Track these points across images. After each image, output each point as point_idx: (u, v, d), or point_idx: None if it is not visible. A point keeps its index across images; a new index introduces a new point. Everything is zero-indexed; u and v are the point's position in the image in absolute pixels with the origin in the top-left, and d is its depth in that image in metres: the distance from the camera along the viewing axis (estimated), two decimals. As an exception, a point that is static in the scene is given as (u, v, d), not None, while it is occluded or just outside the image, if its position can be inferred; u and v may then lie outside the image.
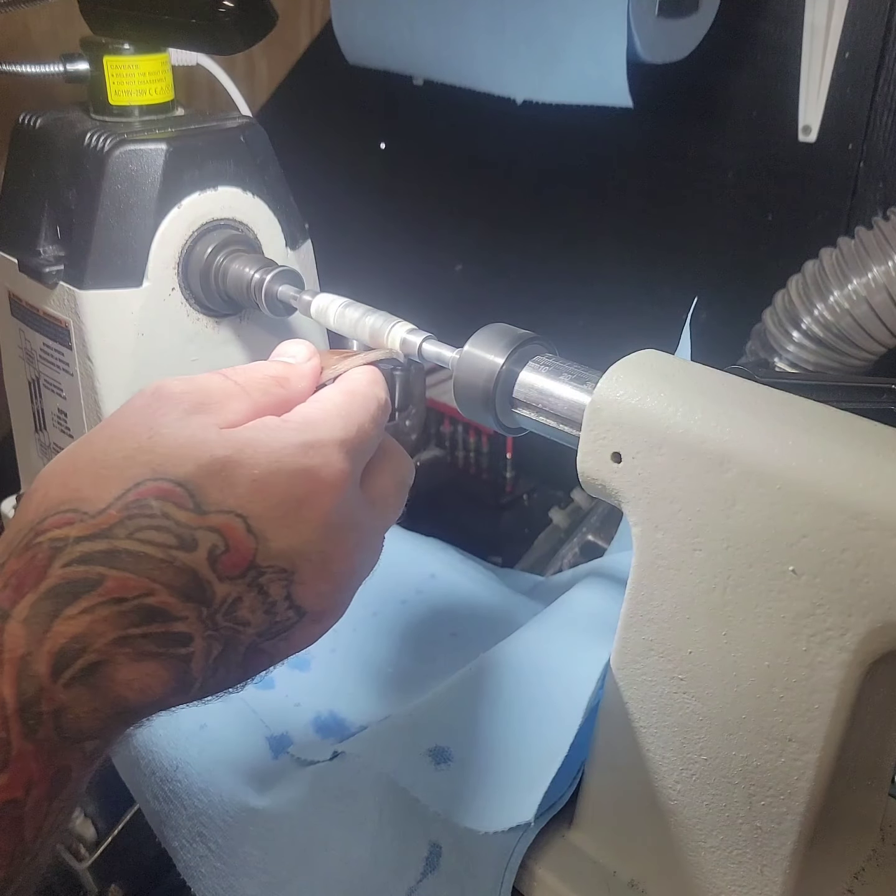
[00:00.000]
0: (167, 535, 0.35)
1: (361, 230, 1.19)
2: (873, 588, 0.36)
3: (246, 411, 0.40)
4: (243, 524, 0.37)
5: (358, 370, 0.46)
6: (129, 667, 0.35)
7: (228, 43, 0.55)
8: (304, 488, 0.38)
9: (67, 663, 0.34)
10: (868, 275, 0.76)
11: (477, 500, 1.06)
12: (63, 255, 0.62)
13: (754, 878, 0.44)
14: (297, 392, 0.43)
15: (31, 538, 0.35)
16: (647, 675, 0.44)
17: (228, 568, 0.36)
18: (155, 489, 0.36)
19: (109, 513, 0.35)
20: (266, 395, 0.41)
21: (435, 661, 0.65)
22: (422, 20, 0.91)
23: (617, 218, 1.02)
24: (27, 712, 0.33)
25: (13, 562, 0.35)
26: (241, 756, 0.58)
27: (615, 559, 0.64)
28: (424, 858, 0.51)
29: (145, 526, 0.35)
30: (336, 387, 0.44)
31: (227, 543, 0.36)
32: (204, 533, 0.36)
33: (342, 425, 0.41)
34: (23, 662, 0.33)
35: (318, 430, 0.40)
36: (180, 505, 0.36)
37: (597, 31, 0.79)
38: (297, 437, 0.39)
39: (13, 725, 0.32)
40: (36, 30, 0.85)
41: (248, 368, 0.43)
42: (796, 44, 0.82)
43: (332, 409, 0.41)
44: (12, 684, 0.33)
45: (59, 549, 0.35)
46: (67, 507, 0.36)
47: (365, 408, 0.43)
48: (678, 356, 0.46)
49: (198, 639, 0.36)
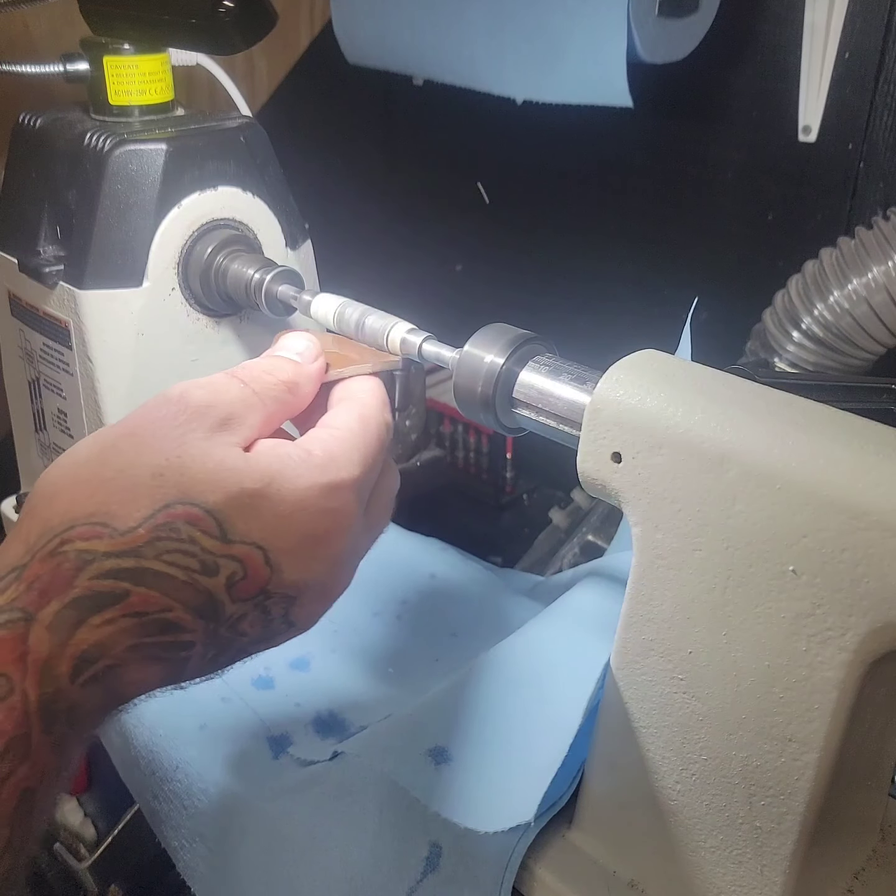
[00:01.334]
0: (192, 559, 0.37)
1: (361, 230, 1.18)
2: (873, 588, 0.36)
3: (262, 423, 0.42)
4: (263, 556, 0.39)
5: (366, 388, 0.47)
6: (137, 669, 0.37)
7: (228, 43, 0.55)
8: (321, 528, 0.40)
9: (86, 667, 0.36)
10: (868, 275, 0.76)
11: (477, 500, 1.06)
12: (63, 255, 0.62)
13: (754, 878, 0.44)
14: (305, 397, 0.46)
15: (57, 545, 0.36)
16: (647, 675, 0.44)
17: (242, 592, 0.39)
18: (184, 514, 0.37)
19: (139, 532, 0.37)
20: (278, 404, 0.44)
21: (435, 661, 0.65)
22: (422, 20, 0.91)
23: (617, 218, 1.02)
24: (47, 709, 0.35)
25: (37, 565, 0.36)
26: (241, 756, 0.58)
27: (615, 559, 0.64)
28: (424, 858, 0.51)
29: (172, 549, 0.37)
30: (352, 411, 0.45)
31: (246, 572, 0.39)
32: (226, 561, 0.38)
33: (359, 461, 0.42)
34: (46, 665, 0.35)
35: (340, 470, 0.41)
36: (207, 532, 0.38)
37: (597, 31, 0.79)
38: (320, 476, 0.40)
39: (34, 721, 0.34)
40: (36, 30, 0.85)
41: (261, 371, 0.44)
42: (796, 44, 0.82)
43: (350, 441, 0.43)
44: (35, 684, 0.34)
45: (88, 561, 0.36)
46: (96, 521, 0.37)
47: (378, 438, 0.44)
48: (678, 356, 0.46)
49: (199, 646, 0.39)
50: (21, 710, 0.34)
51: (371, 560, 0.75)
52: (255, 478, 0.39)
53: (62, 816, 0.71)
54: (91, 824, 0.70)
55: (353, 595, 0.70)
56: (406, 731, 0.53)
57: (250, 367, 0.44)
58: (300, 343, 0.47)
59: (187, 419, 0.40)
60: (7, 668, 0.34)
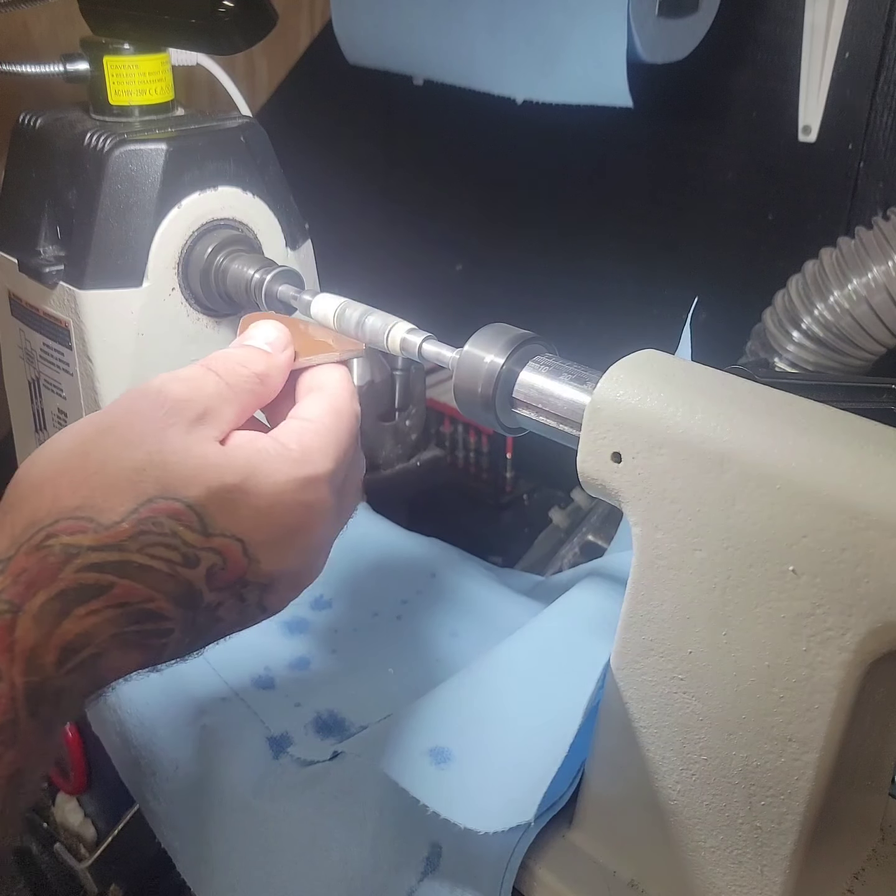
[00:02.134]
0: (174, 552, 0.39)
1: (362, 230, 1.19)
2: (873, 588, 0.36)
3: (236, 415, 0.44)
4: (241, 548, 0.40)
5: (335, 377, 0.48)
6: (118, 656, 0.39)
7: (228, 43, 0.55)
8: (298, 520, 0.42)
9: (71, 655, 0.37)
10: (868, 275, 0.76)
11: (477, 500, 1.06)
12: (63, 255, 0.62)
13: (754, 878, 0.44)
14: (276, 387, 0.47)
15: (43, 539, 0.37)
16: (647, 675, 0.44)
17: (220, 581, 0.40)
18: (166, 508, 0.39)
19: (123, 526, 0.38)
20: (251, 395, 0.45)
21: (435, 661, 0.65)
22: (422, 20, 0.91)
23: (617, 218, 1.02)
24: (33, 696, 0.36)
25: (22, 558, 0.37)
26: (241, 756, 0.58)
27: (615, 559, 0.64)
28: (425, 858, 0.51)
29: (155, 542, 0.38)
30: (324, 403, 0.46)
31: (225, 563, 0.40)
32: (206, 553, 0.39)
33: (333, 454, 0.44)
34: (32, 654, 0.36)
35: (316, 463, 0.43)
36: (189, 526, 0.39)
37: (597, 31, 0.79)
38: (297, 471, 0.42)
39: (21, 708, 0.35)
40: (36, 30, 0.85)
41: (235, 363, 0.45)
42: (796, 44, 0.82)
43: (324, 434, 0.44)
44: (22, 672, 0.35)
45: (73, 554, 0.37)
46: (81, 515, 0.38)
47: (350, 430, 0.46)
48: (678, 356, 0.46)
49: (177, 632, 0.40)
50: (8, 697, 0.35)
51: (371, 560, 0.75)
52: (235, 472, 0.40)
53: (62, 816, 0.71)
54: (91, 824, 0.70)
55: (352, 595, 0.71)
56: (406, 731, 0.53)
57: (224, 360, 0.45)
58: (270, 332, 0.48)
59: (166, 413, 0.41)
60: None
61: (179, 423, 0.41)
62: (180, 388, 0.42)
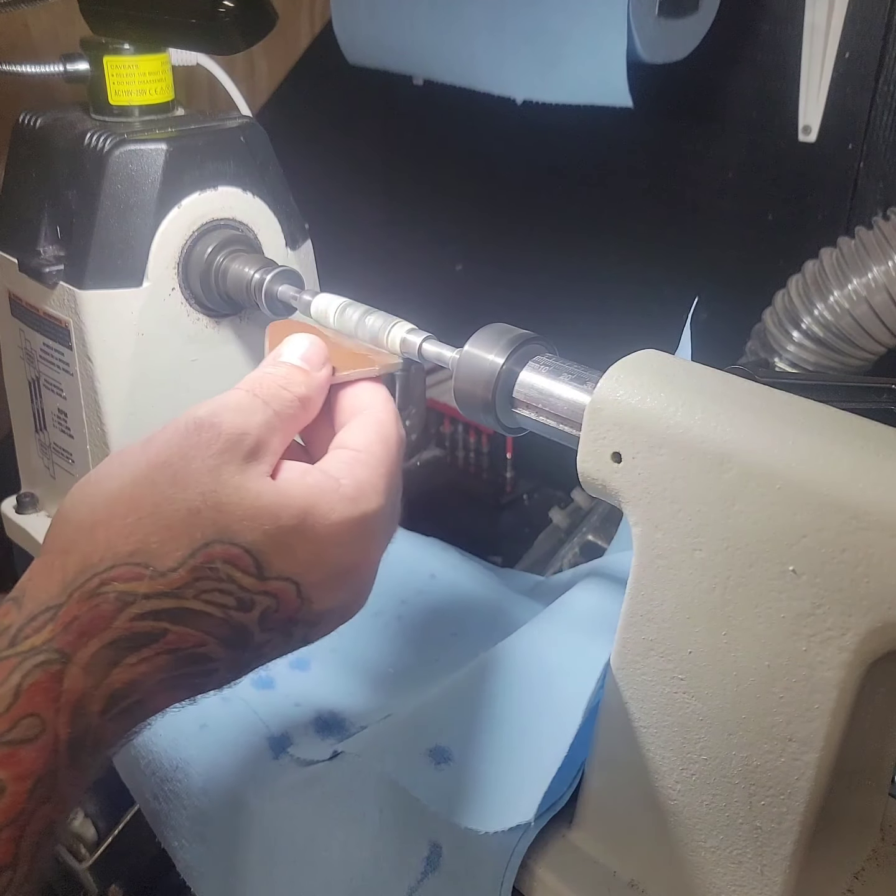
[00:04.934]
0: (229, 597, 0.38)
1: (361, 230, 1.18)
2: (873, 588, 0.36)
3: (282, 444, 0.42)
4: (296, 590, 0.40)
5: (379, 400, 0.46)
6: (162, 699, 0.39)
7: (228, 43, 0.55)
8: (352, 561, 0.42)
9: (117, 703, 0.37)
10: (868, 275, 0.76)
11: (477, 500, 1.06)
12: (63, 255, 0.62)
13: (754, 878, 0.44)
14: (316, 409, 0.46)
15: (97, 585, 0.37)
16: (647, 675, 0.44)
17: (272, 623, 0.40)
18: (223, 553, 0.38)
19: (179, 573, 0.37)
20: (293, 421, 0.44)
21: (435, 661, 0.65)
22: (422, 20, 0.91)
23: (617, 218, 1.02)
24: (75, 746, 0.35)
25: (75, 606, 0.36)
26: (241, 756, 0.58)
27: (615, 559, 0.64)
28: (425, 858, 0.51)
29: (211, 588, 0.38)
30: (371, 430, 0.44)
31: (279, 605, 0.40)
32: (261, 597, 0.39)
33: (385, 488, 0.43)
34: (79, 704, 0.36)
35: (370, 501, 0.42)
36: (245, 570, 0.38)
37: (597, 31, 0.79)
38: (351, 510, 0.41)
39: (62, 759, 0.35)
40: (36, 30, 0.85)
41: (278, 387, 0.43)
42: (796, 44, 0.82)
43: (375, 467, 0.43)
44: (67, 724, 0.35)
45: (128, 602, 0.37)
46: (136, 560, 0.37)
47: (397, 459, 0.44)
48: (678, 356, 0.46)
49: (222, 671, 0.40)
50: (51, 750, 0.34)
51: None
52: (291, 514, 0.39)
53: (62, 816, 0.71)
54: (91, 824, 0.70)
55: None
56: (406, 731, 0.53)
57: (268, 384, 0.43)
58: (307, 347, 0.46)
59: (220, 450, 0.39)
60: (40, 709, 0.35)
61: (233, 460, 0.39)
62: (232, 419, 0.40)
